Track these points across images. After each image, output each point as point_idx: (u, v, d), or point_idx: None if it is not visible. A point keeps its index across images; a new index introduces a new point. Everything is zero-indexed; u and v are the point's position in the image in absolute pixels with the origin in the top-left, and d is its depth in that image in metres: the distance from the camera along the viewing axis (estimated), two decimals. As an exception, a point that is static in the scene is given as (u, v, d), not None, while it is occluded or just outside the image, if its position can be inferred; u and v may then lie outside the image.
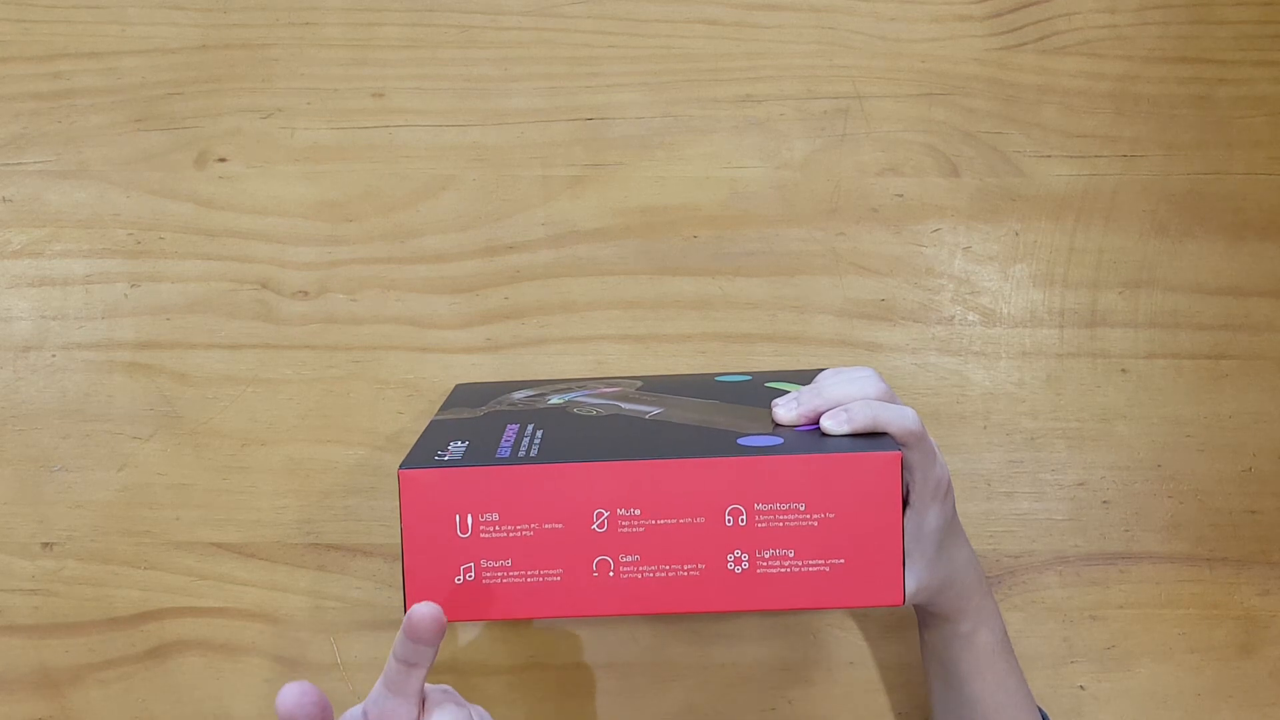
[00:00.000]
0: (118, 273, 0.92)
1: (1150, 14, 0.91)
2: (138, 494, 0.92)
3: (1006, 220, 0.92)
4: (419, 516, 0.67)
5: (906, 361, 0.92)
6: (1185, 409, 0.92)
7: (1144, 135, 0.92)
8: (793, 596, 0.66)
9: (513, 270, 0.92)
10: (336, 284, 0.92)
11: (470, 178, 0.92)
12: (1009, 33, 0.91)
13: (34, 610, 0.92)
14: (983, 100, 0.91)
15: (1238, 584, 0.92)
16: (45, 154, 0.92)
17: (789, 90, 0.91)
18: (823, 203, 0.92)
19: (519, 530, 0.67)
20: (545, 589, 0.67)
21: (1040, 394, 0.92)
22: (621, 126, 0.92)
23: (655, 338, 0.92)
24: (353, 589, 0.92)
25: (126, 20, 0.91)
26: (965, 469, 0.92)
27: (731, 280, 0.92)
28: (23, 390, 0.92)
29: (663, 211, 0.92)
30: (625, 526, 0.66)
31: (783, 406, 0.72)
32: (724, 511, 0.66)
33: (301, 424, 0.92)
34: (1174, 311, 0.92)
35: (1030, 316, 0.92)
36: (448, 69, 0.92)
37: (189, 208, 0.92)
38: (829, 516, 0.66)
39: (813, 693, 0.93)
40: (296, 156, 0.92)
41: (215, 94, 0.91)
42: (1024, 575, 0.92)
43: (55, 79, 0.91)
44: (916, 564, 0.74)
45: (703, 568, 0.66)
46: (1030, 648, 0.92)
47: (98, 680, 0.92)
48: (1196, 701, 0.93)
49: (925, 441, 0.72)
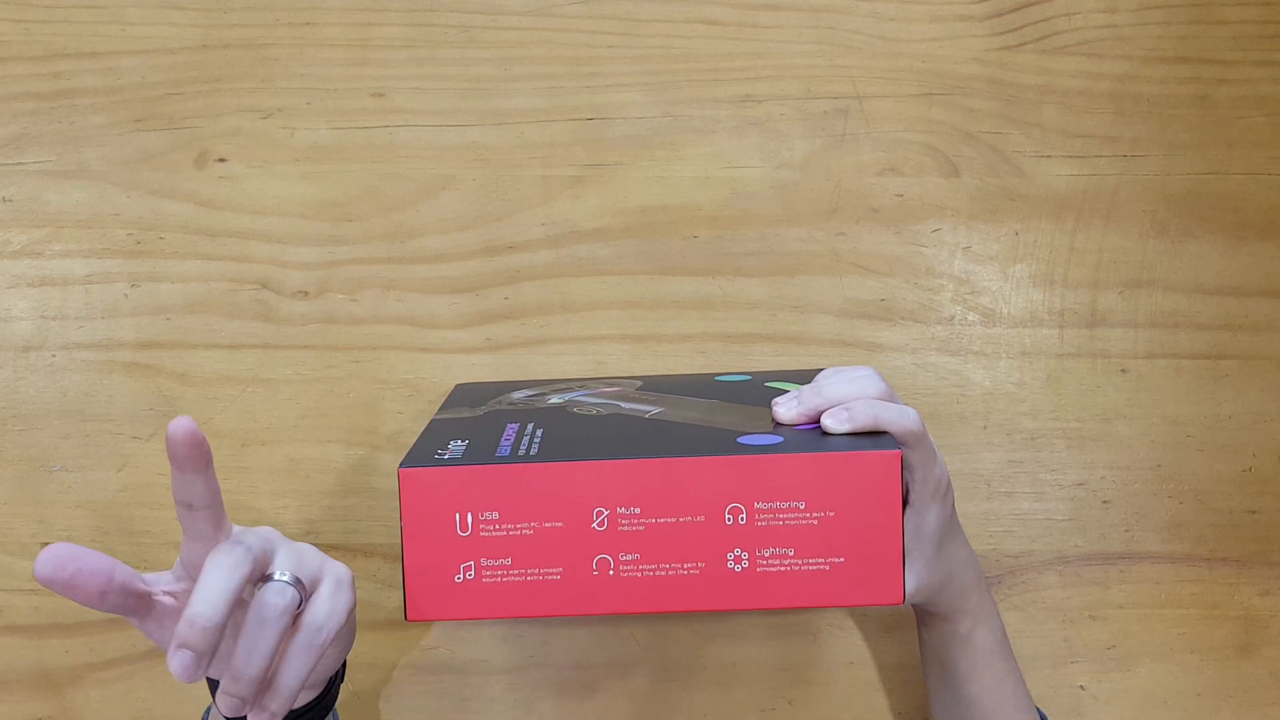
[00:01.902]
0: (118, 273, 0.92)
1: (1150, 14, 0.91)
2: (138, 494, 0.92)
3: (1006, 220, 0.92)
4: (419, 515, 0.67)
5: (906, 361, 0.92)
6: (1185, 409, 0.92)
7: (1144, 135, 0.92)
8: (793, 595, 0.66)
9: (513, 270, 0.92)
10: (336, 284, 0.92)
11: (470, 178, 0.92)
12: (1009, 33, 0.91)
13: (34, 610, 0.92)
14: (983, 100, 0.91)
15: (1238, 584, 0.92)
16: (45, 154, 0.92)
17: (789, 90, 0.92)
18: (823, 203, 0.92)
19: (519, 529, 0.67)
20: (545, 588, 0.67)
21: (1040, 394, 0.92)
22: (621, 126, 0.92)
23: (655, 338, 0.92)
24: (353, 589, 0.92)
25: (126, 20, 0.91)
26: (965, 469, 0.92)
27: (731, 280, 0.92)
28: (23, 390, 0.92)
29: (663, 211, 0.92)
30: (625, 525, 0.66)
31: (783, 405, 0.72)
32: (724, 510, 0.66)
33: (301, 424, 0.92)
34: (1174, 311, 0.92)
35: (1030, 316, 0.92)
36: (448, 69, 0.92)
37: (189, 208, 0.92)
38: (829, 515, 0.66)
39: (813, 693, 0.93)
40: (296, 156, 0.92)
41: (215, 94, 0.92)
42: (1024, 575, 0.92)
43: (55, 79, 0.91)
44: (916, 563, 0.74)
45: (703, 566, 0.66)
46: (1030, 648, 0.92)
47: (98, 680, 0.92)
48: (1196, 701, 0.93)
49: (925, 441, 0.72)
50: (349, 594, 0.64)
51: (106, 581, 0.59)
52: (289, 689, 0.60)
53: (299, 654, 0.61)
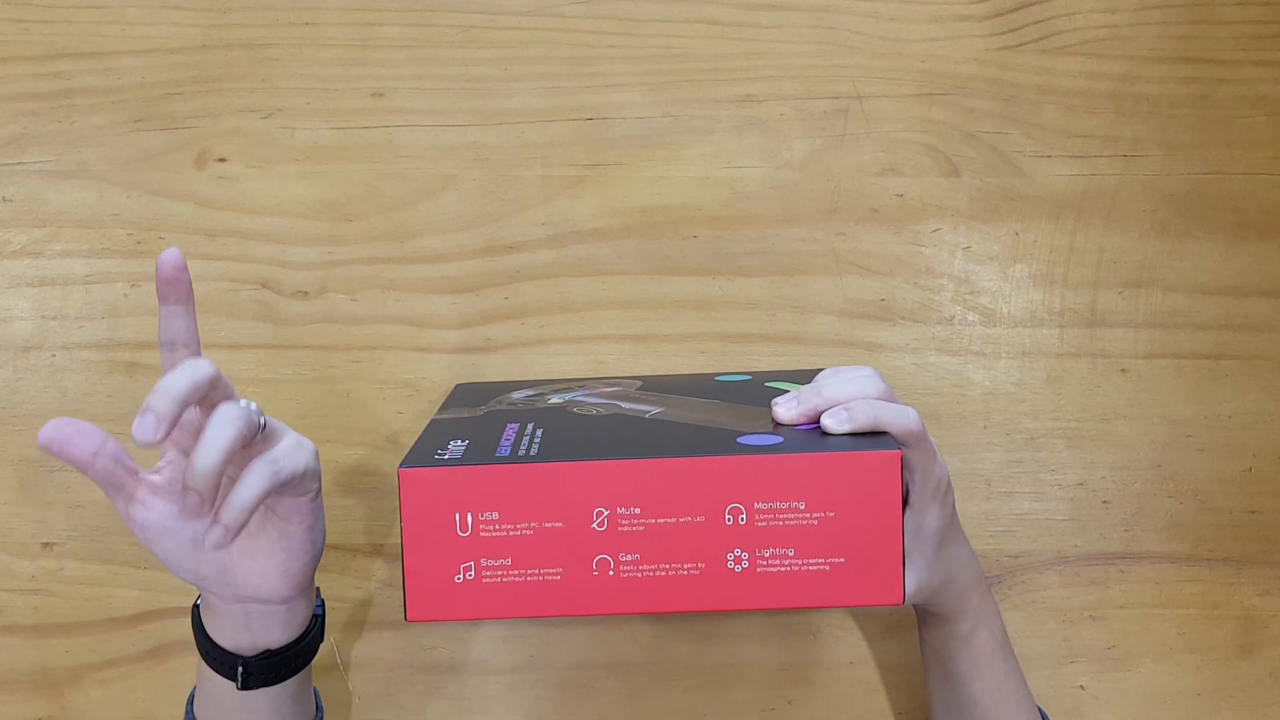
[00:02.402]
0: (118, 273, 0.92)
1: (1150, 14, 0.91)
2: (138, 494, 0.92)
3: (1006, 220, 0.92)
4: (419, 515, 0.67)
5: (906, 361, 0.92)
6: (1185, 409, 0.92)
7: (1144, 135, 0.92)
8: (793, 595, 0.66)
9: (513, 270, 0.92)
10: (336, 284, 0.92)
11: (470, 178, 0.92)
12: (1009, 33, 0.91)
13: (34, 610, 0.92)
14: (983, 100, 0.91)
15: (1238, 584, 0.92)
16: (45, 154, 0.92)
17: (789, 90, 0.92)
18: (823, 203, 0.92)
19: (519, 529, 0.67)
20: (545, 588, 0.67)
21: (1040, 394, 0.92)
22: (621, 126, 0.92)
23: (655, 338, 0.92)
24: (353, 589, 0.92)
25: (126, 20, 0.91)
26: (965, 469, 0.92)
27: (731, 280, 0.92)
28: (23, 390, 0.92)
29: (663, 211, 0.92)
30: (625, 525, 0.66)
31: (783, 405, 0.72)
32: (724, 510, 0.66)
33: (301, 424, 0.92)
34: (1174, 311, 0.92)
35: (1030, 316, 0.92)
36: (448, 69, 0.92)
37: (189, 208, 0.92)
38: (829, 515, 0.66)
39: (813, 693, 0.93)
40: (296, 156, 0.92)
41: (215, 94, 0.92)
42: (1024, 575, 0.92)
43: (55, 79, 0.91)
44: (916, 563, 0.74)
45: (703, 566, 0.66)
46: (1030, 648, 0.92)
47: (98, 680, 0.92)
48: (1196, 701, 0.93)
49: (925, 441, 0.72)
50: (310, 455, 0.68)
51: (100, 444, 0.65)
52: (241, 504, 0.63)
53: (255, 472, 0.64)
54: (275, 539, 0.69)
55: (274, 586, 0.70)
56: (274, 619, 0.72)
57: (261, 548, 0.70)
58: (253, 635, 0.72)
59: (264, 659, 0.73)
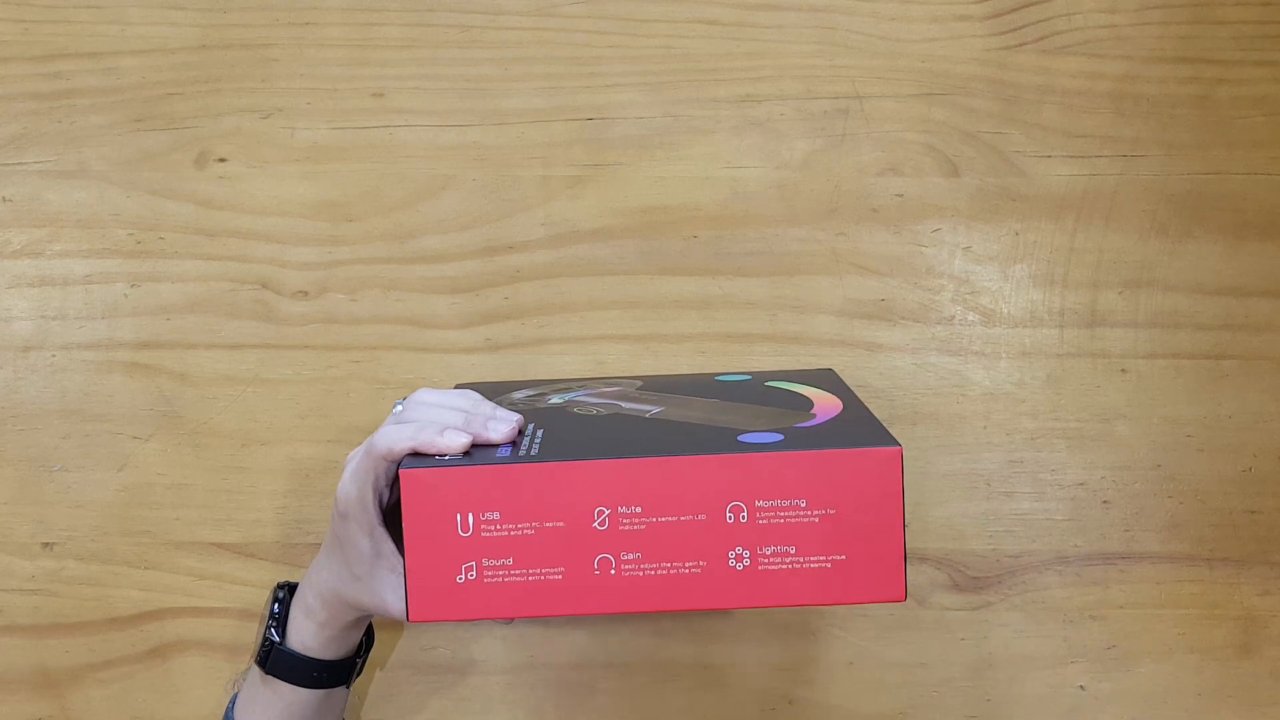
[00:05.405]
0: (118, 273, 0.92)
1: (1150, 14, 0.91)
2: (138, 494, 0.92)
3: (1006, 220, 0.92)
4: (420, 516, 0.67)
5: (906, 361, 0.92)
6: (1185, 409, 0.92)
7: (1144, 135, 0.92)
8: (794, 593, 0.66)
9: (513, 270, 0.92)
10: (336, 284, 0.92)
11: (470, 178, 0.92)
12: (1009, 33, 0.91)
13: (34, 610, 0.92)
14: (983, 100, 0.91)
15: (1238, 584, 0.92)
16: (45, 154, 0.92)
17: (789, 90, 0.92)
18: (823, 203, 0.92)
19: (520, 529, 0.67)
20: (546, 587, 0.67)
21: (1040, 394, 0.92)
22: (621, 126, 0.92)
23: (655, 338, 0.92)
24: (353, 589, 0.92)
25: (126, 20, 0.91)
26: (965, 469, 0.92)
27: (731, 280, 0.92)
28: (23, 390, 0.92)
29: (663, 211, 0.92)
30: (626, 524, 0.66)
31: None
32: (725, 508, 0.66)
33: (301, 424, 0.92)
34: (1174, 311, 0.92)
35: (1030, 316, 0.92)
36: (448, 69, 0.92)
37: (189, 208, 0.92)
38: (830, 513, 0.66)
39: (813, 693, 0.93)
40: (296, 156, 0.92)
41: (215, 94, 0.92)
42: (1024, 575, 0.92)
43: (55, 79, 0.91)
44: None
45: (704, 565, 0.66)
46: (1030, 648, 0.92)
47: (98, 680, 0.92)
48: (1196, 701, 0.93)
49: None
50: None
51: None
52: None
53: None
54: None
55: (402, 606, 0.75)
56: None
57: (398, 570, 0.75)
58: None
59: None
